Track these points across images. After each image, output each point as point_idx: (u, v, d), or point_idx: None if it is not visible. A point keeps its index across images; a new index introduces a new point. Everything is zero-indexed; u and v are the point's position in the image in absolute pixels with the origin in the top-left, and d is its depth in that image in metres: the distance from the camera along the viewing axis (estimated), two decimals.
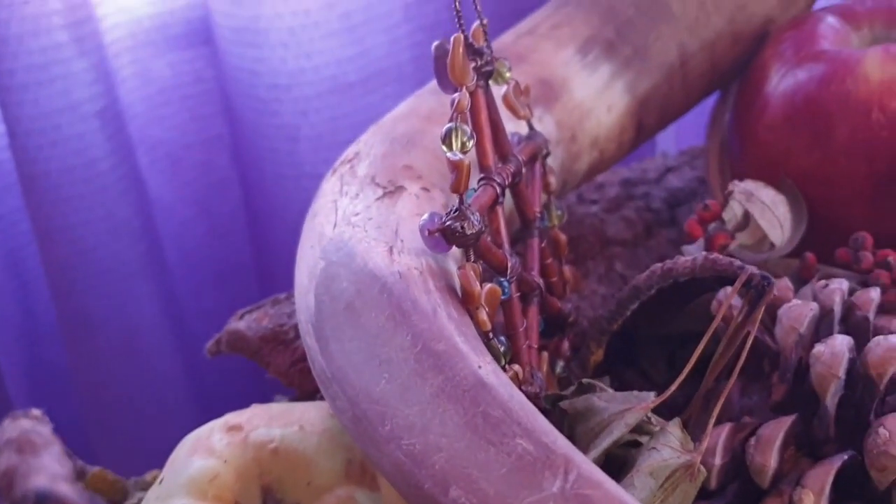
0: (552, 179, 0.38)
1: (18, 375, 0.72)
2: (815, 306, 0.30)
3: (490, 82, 0.35)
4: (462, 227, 0.28)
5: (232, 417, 0.30)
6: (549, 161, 0.40)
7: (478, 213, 0.28)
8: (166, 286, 0.72)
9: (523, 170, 0.34)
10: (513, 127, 0.37)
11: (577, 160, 0.42)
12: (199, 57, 0.72)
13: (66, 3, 0.62)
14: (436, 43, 0.31)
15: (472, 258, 0.28)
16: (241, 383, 0.77)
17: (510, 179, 0.33)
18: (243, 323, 0.37)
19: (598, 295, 0.43)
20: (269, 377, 0.41)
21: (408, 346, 0.25)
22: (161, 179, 0.74)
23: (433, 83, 0.41)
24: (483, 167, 0.31)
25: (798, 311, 0.30)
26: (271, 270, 0.78)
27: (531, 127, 0.37)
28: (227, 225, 0.78)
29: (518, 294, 0.31)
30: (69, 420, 0.75)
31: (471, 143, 0.29)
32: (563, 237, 0.37)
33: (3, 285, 0.70)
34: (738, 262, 0.29)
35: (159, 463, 0.74)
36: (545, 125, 0.40)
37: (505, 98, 0.35)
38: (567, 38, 0.42)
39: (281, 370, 0.35)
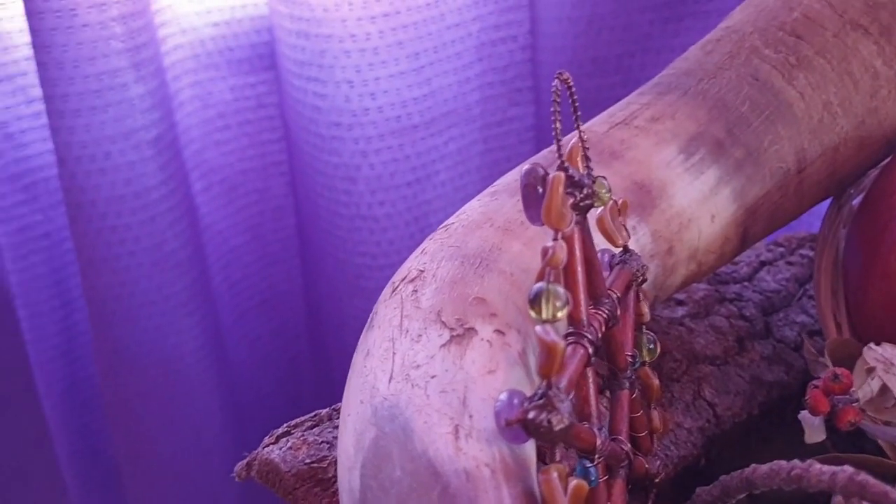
0: (646, 309, 0.31)
1: (54, 394, 0.68)
2: None
3: None
4: (549, 422, 0.21)
5: None
6: None
7: (568, 401, 0.22)
8: (210, 318, 0.67)
9: (618, 311, 0.27)
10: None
11: (671, 274, 0.35)
12: (262, 82, 0.66)
13: (126, 27, 0.56)
14: (526, 167, 0.25)
15: (556, 457, 0.22)
16: (281, 421, 0.72)
17: (603, 329, 0.26)
18: (277, 451, 0.31)
19: (682, 429, 0.36)
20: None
21: None
22: (214, 205, 0.68)
23: (512, 178, 0.34)
24: (573, 320, 0.25)
25: None
26: (319, 301, 0.72)
27: (626, 249, 0.30)
28: (278, 252, 0.73)
29: (605, 478, 0.25)
30: (99, 443, 0.71)
31: (564, 311, 0.22)
32: (655, 381, 0.31)
33: (44, 303, 0.65)
34: (894, 495, 0.22)
35: (179, 493, 0.69)
36: (639, 237, 0.33)
37: (600, 222, 0.28)
38: (669, 135, 0.35)
39: None
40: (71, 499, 0.71)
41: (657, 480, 0.30)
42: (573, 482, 0.22)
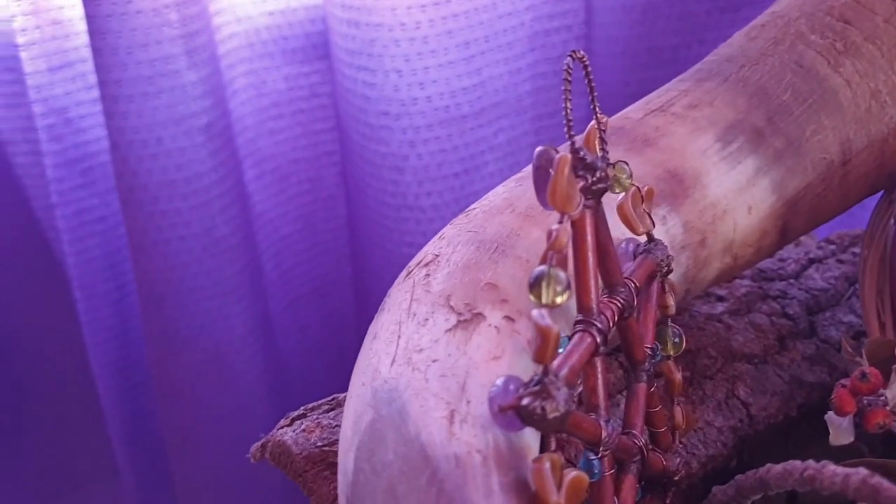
0: (671, 301, 0.30)
1: (107, 376, 0.69)
2: None
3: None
4: (542, 409, 0.20)
5: None
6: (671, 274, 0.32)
7: (565, 389, 0.21)
8: (259, 305, 0.68)
9: (635, 301, 0.27)
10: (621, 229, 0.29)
11: (704, 267, 0.34)
12: (316, 72, 0.67)
13: (180, 14, 0.57)
14: (539, 149, 0.24)
15: (554, 447, 0.21)
16: None
17: (615, 319, 0.25)
18: (291, 434, 0.31)
19: (712, 427, 0.35)
20: None
21: None
22: (266, 194, 0.69)
23: None
24: (582, 307, 0.24)
25: None
26: (368, 290, 0.73)
27: (651, 238, 0.29)
28: (329, 242, 0.73)
29: (611, 471, 0.24)
30: (151, 425, 0.72)
31: (564, 297, 0.21)
32: (677, 376, 0.30)
33: (100, 286, 0.67)
34: None
35: (224, 477, 0.70)
36: (669, 227, 0.32)
37: (621, 209, 0.27)
38: (706, 122, 0.34)
39: (324, 502, 0.29)
40: (123, 478, 0.73)
41: (676, 479, 0.29)
42: (571, 474, 0.21)
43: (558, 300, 0.21)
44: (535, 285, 0.21)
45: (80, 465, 0.73)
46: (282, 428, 0.31)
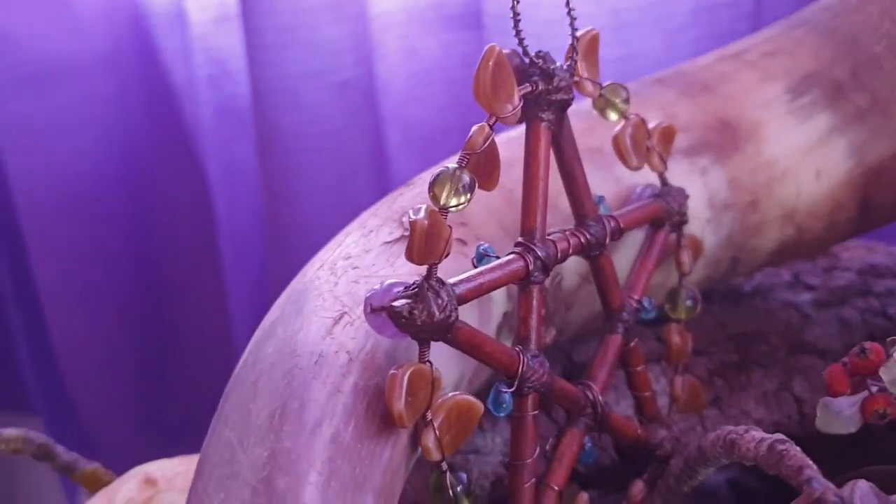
0: (685, 257, 0.27)
1: (247, 326, 0.73)
2: None
3: (606, 114, 0.25)
4: (410, 312, 0.19)
5: (155, 469, 0.24)
6: (702, 229, 0.29)
7: (447, 297, 0.19)
8: None
9: (607, 240, 0.24)
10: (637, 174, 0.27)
11: (756, 234, 0.30)
12: (469, 41, 0.66)
13: None
14: (498, 50, 0.22)
15: (426, 357, 0.19)
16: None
17: (569, 252, 0.23)
18: None
19: (749, 418, 0.31)
20: None
21: (259, 466, 0.18)
22: (411, 160, 0.69)
23: None
24: (523, 229, 0.22)
25: None
26: None
27: (664, 181, 0.27)
28: None
29: (534, 413, 0.22)
30: None
31: (461, 200, 0.20)
32: (676, 339, 0.27)
33: (245, 235, 0.70)
34: (809, 472, 0.17)
35: None
36: (709, 181, 0.29)
37: (615, 138, 0.25)
38: (780, 71, 0.30)
39: None
40: None
41: (659, 453, 0.26)
42: (457, 397, 0.20)
43: (452, 202, 0.20)
44: (435, 183, 0.20)
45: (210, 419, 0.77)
46: None
